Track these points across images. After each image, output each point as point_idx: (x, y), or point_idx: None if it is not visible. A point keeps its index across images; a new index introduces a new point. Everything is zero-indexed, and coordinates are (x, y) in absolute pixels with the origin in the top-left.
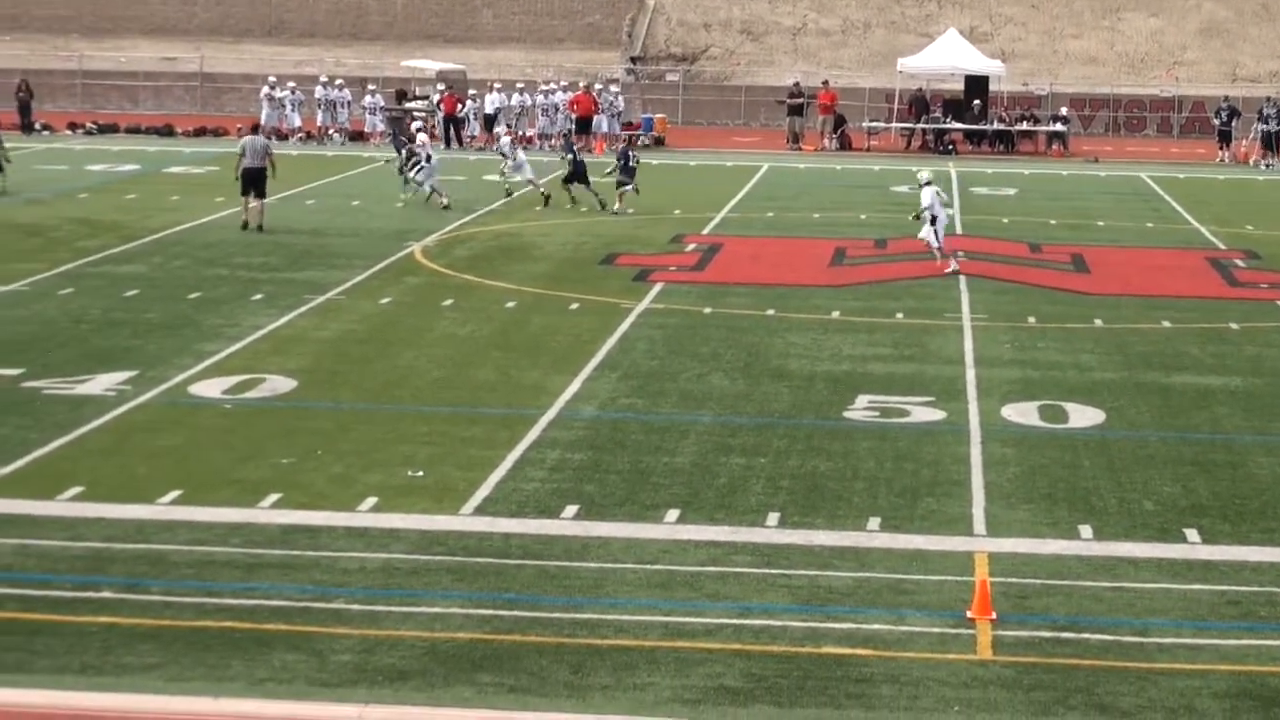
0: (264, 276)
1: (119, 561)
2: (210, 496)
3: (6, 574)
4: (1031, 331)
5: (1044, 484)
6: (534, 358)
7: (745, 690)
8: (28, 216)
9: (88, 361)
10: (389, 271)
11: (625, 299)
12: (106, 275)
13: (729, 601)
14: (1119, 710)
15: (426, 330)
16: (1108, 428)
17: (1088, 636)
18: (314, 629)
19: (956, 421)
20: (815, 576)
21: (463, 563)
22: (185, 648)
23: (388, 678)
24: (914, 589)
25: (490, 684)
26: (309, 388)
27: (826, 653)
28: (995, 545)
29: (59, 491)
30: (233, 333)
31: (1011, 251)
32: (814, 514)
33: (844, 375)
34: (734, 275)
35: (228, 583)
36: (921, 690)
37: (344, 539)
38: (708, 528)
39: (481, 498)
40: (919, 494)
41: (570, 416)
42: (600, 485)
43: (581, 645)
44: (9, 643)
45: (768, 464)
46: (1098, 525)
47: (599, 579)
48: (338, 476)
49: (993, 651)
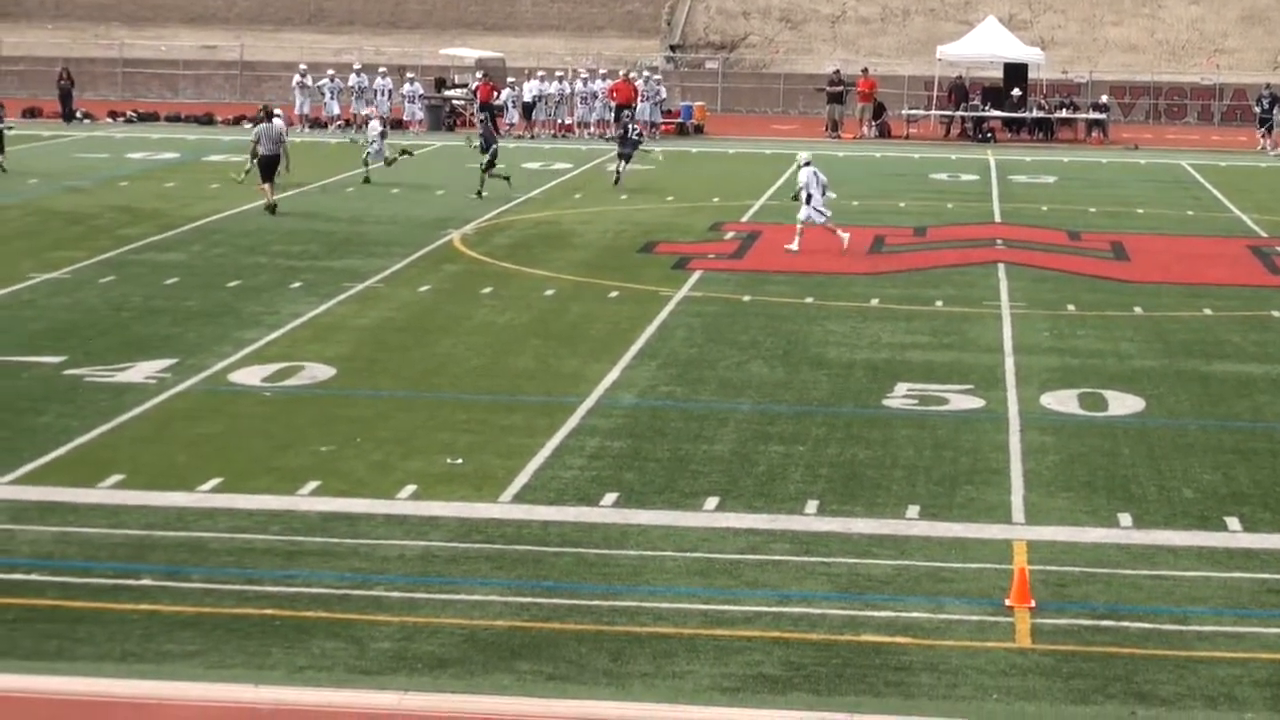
0: (303, 264)
1: (159, 549)
2: (250, 484)
3: (48, 561)
4: (1071, 319)
5: (1083, 472)
6: (573, 346)
7: (784, 678)
8: (68, 204)
9: (128, 349)
10: (428, 259)
11: (664, 287)
12: (147, 263)
13: (768, 589)
14: (1158, 698)
15: (465, 318)
16: (1148, 415)
17: (1127, 624)
18: (353, 616)
19: (995, 409)
20: (854, 564)
21: (501, 550)
22: (225, 635)
23: (427, 665)
24: (953, 577)
25: (529, 671)
26: (348, 375)
27: (865, 640)
28: (1034, 533)
29: (100, 479)
30: (272, 320)
31: (1051, 239)
32: (853, 502)
33: (883, 363)
34: (773, 263)
35: (268, 570)
36: (960, 678)
37: (383, 526)
38: (747, 515)
39: (520, 485)
40: (958, 482)
41: (609, 404)
42: (639, 473)
43: (620, 633)
44: (50, 630)
45: (806, 452)
46: (1137, 513)
47: (638, 567)
48: (377, 464)
49: (1031, 640)
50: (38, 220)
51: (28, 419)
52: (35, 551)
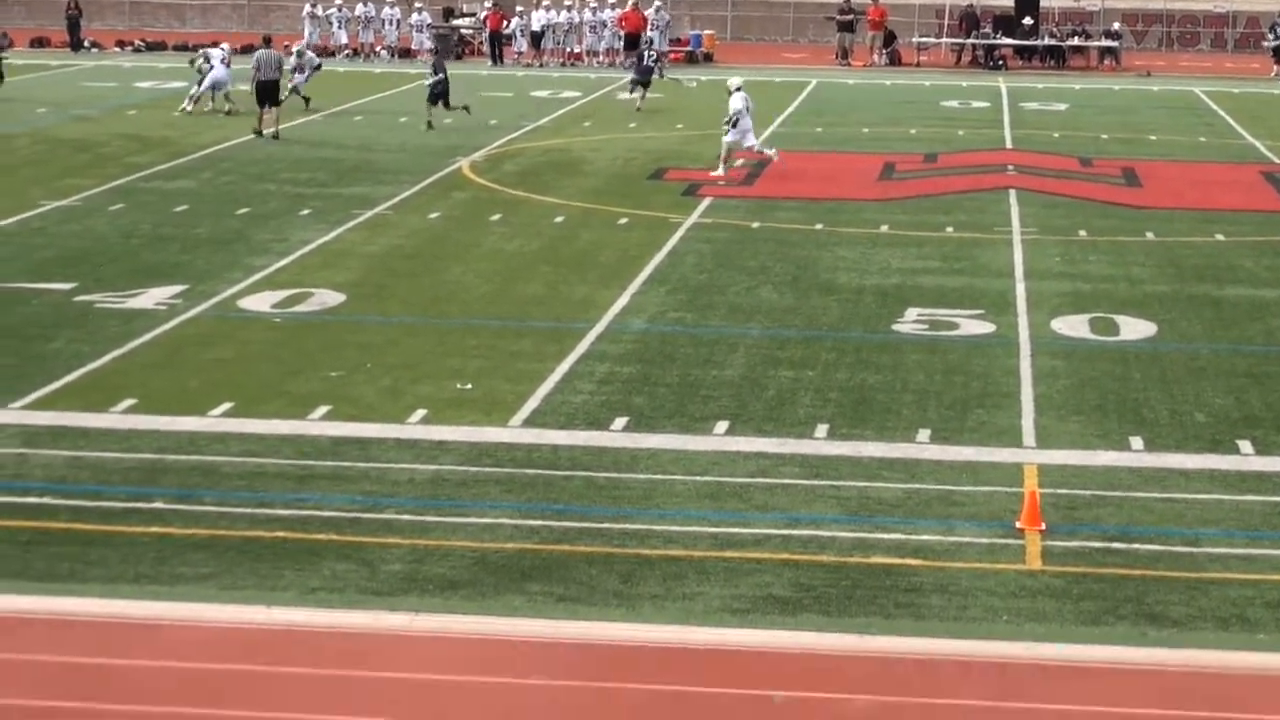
0: (311, 192)
1: (171, 473)
2: (261, 409)
3: (60, 485)
4: (1082, 245)
5: (1094, 396)
6: (582, 272)
7: (794, 600)
8: (77, 133)
9: (139, 276)
10: (437, 187)
11: (674, 213)
12: (156, 191)
13: (778, 512)
14: (1169, 620)
15: (474, 245)
16: (1159, 340)
17: (1138, 547)
18: (365, 539)
19: (1006, 334)
20: (864, 488)
21: (511, 474)
22: (238, 557)
23: (438, 587)
24: (963, 500)
25: (539, 593)
26: (357, 301)
27: (875, 563)
28: (1045, 457)
29: (112, 404)
30: (281, 248)
31: (1062, 166)
32: (863, 426)
33: (893, 289)
34: (783, 190)
35: (279, 493)
36: (970, 600)
37: (393, 450)
38: (756, 439)
39: (530, 410)
40: (968, 406)
41: (619, 330)
42: (649, 398)
43: (631, 555)
44: (63, 553)
45: (816, 376)
46: (1149, 437)
47: (648, 490)
48: (387, 389)
49: (1042, 562)
50: (46, 149)
51: (39, 345)
52: (48, 475)
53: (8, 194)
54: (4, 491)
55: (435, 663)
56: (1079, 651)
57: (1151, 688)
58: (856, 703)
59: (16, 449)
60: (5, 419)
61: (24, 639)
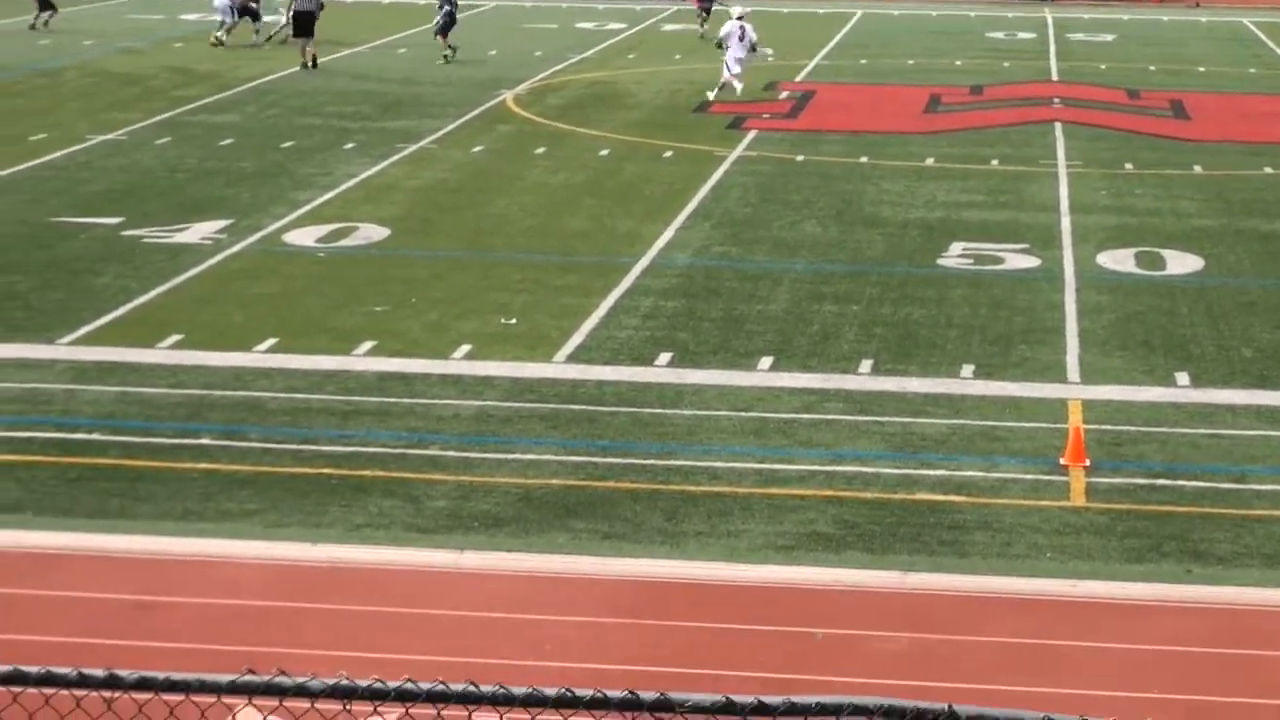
0: (356, 125)
1: (218, 408)
2: (306, 344)
3: (109, 421)
4: (1129, 178)
5: (1140, 331)
6: (627, 206)
7: (837, 536)
8: (124, 66)
9: (184, 210)
10: (481, 120)
11: (719, 147)
12: (202, 124)
13: (822, 448)
14: (1215, 556)
15: (519, 178)
16: (1206, 274)
17: (1183, 483)
18: (410, 475)
19: (1051, 269)
20: (908, 423)
21: (556, 410)
22: (283, 494)
23: (483, 524)
24: (1007, 436)
25: (584, 530)
26: (402, 236)
27: (919, 499)
28: (1089, 392)
29: (159, 339)
30: (325, 181)
31: (1109, 98)
32: (907, 361)
33: (938, 222)
34: (827, 122)
35: (324, 429)
36: (1014, 537)
37: (438, 386)
38: (801, 375)
39: (575, 345)
40: (1013, 341)
41: (664, 264)
42: (694, 333)
43: (675, 492)
44: (112, 489)
45: (860, 311)
46: (1195, 372)
47: (692, 426)
48: (431, 324)
49: (1086, 499)
50: (94, 81)
51: (86, 280)
52: (96, 411)
53: (56, 127)
54: (53, 428)
55: (480, 600)
56: (1123, 589)
57: (1197, 625)
58: (899, 640)
59: (65, 384)
60: (54, 354)
61: (73, 575)
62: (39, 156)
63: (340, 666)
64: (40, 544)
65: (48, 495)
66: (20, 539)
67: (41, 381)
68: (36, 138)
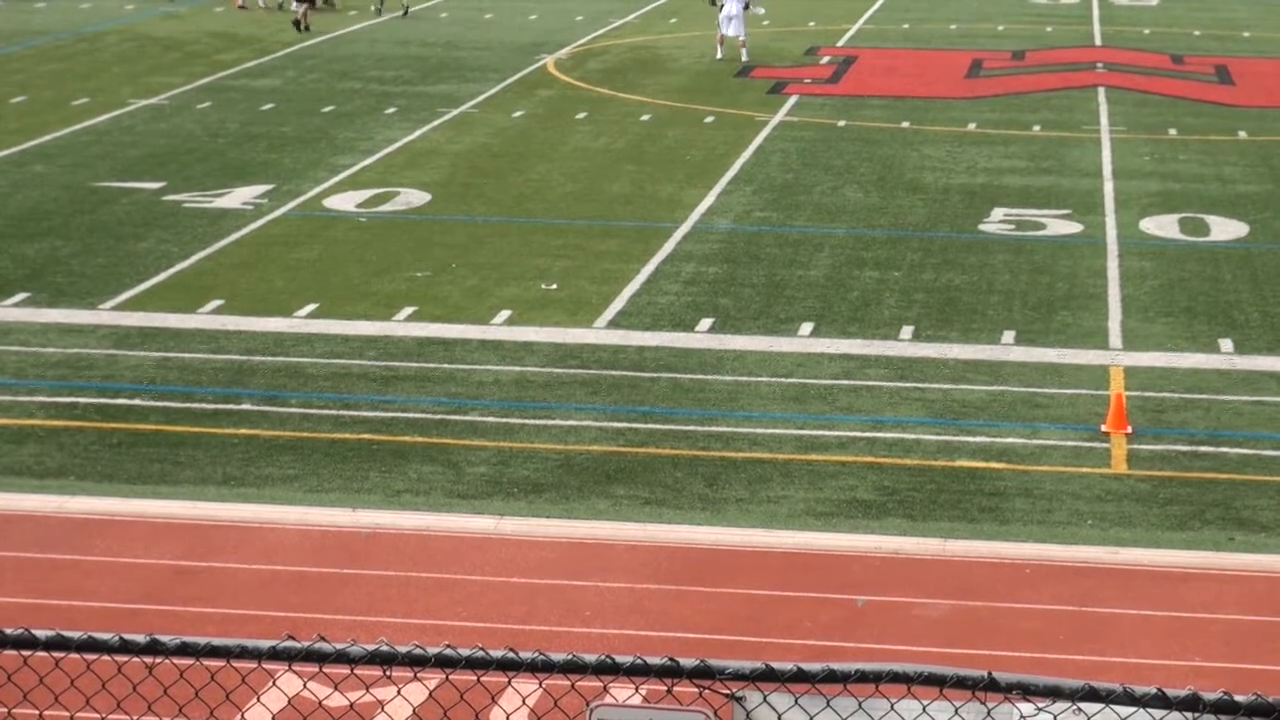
0: (397, 90)
1: (259, 374)
2: (346, 309)
3: (150, 386)
4: (1173, 144)
5: (1183, 298)
6: (668, 171)
7: (878, 503)
8: (165, 30)
9: (226, 175)
10: (522, 84)
11: (760, 112)
12: (243, 89)
13: (862, 415)
14: (1258, 524)
15: (560, 143)
16: (1251, 240)
17: (1226, 450)
18: (450, 441)
19: (1094, 234)
20: (949, 390)
21: (596, 375)
22: (324, 459)
23: (523, 490)
24: (1048, 402)
25: (625, 496)
26: (443, 201)
27: (960, 466)
28: (1132, 359)
29: (200, 304)
30: (366, 146)
31: (1153, 63)
32: (948, 327)
33: (979, 188)
34: (869, 88)
35: (364, 395)
36: (1055, 504)
37: (478, 352)
38: (841, 341)
39: (615, 311)
40: (1054, 307)
41: (705, 230)
42: (735, 299)
43: (716, 458)
44: (154, 454)
45: (902, 277)
46: (1239, 339)
47: (733, 392)
48: (472, 289)
49: (1128, 466)
50: (135, 46)
51: (128, 245)
52: (138, 377)
53: (99, 91)
54: (95, 393)
55: (520, 566)
56: (1164, 556)
57: (1238, 592)
58: (939, 607)
59: (107, 350)
60: (96, 319)
61: (114, 541)
62: (81, 121)
63: (380, 632)
64: (82, 509)
65: (90, 461)
66: (62, 504)
67: (84, 347)
68: (79, 102)
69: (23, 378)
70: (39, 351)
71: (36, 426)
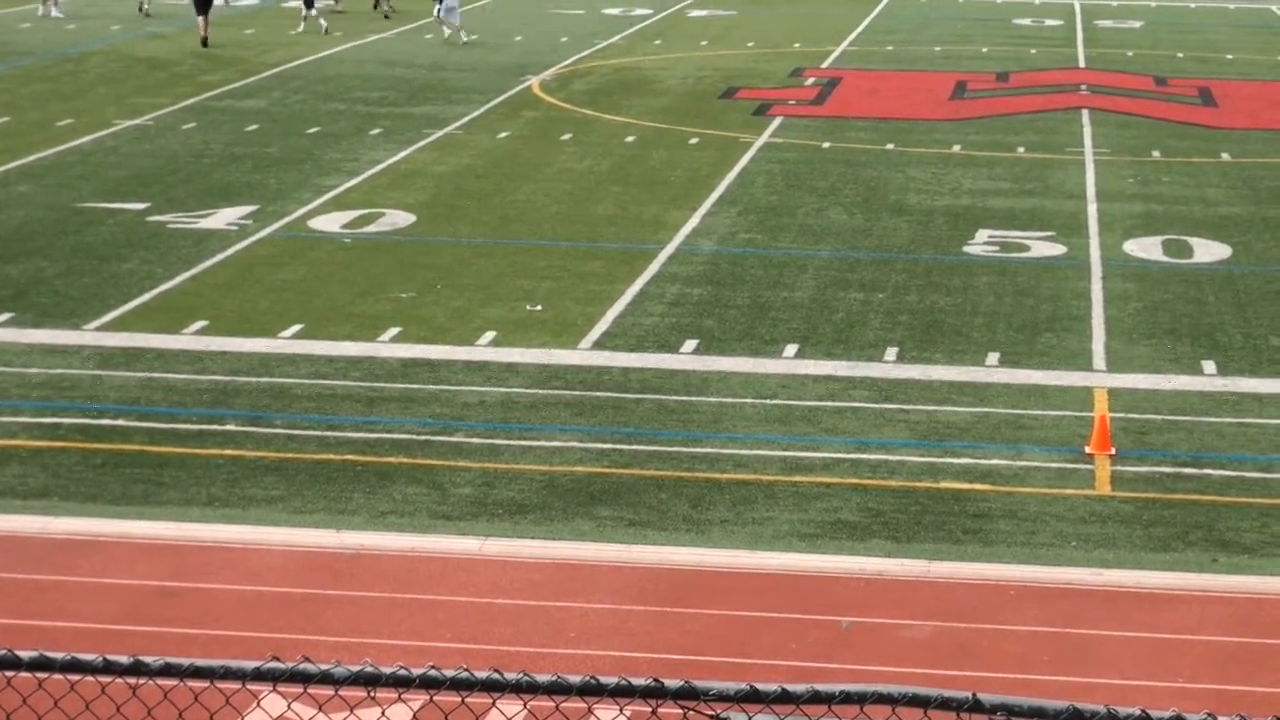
0: (382, 111)
1: (243, 394)
2: (331, 330)
3: (134, 407)
4: (1156, 165)
5: (1166, 319)
6: (653, 192)
7: (862, 525)
8: (150, 50)
9: (210, 196)
10: (507, 106)
11: (745, 133)
12: (227, 110)
13: (847, 436)
14: (1241, 546)
15: (545, 165)
16: (1234, 263)
17: (1209, 472)
18: (434, 462)
19: (1077, 256)
20: (933, 411)
21: (581, 397)
22: (308, 480)
23: (507, 511)
24: (1032, 424)
25: (609, 518)
26: (428, 222)
27: (944, 487)
28: (1115, 381)
29: (184, 325)
30: (351, 167)
31: (1136, 85)
32: (932, 349)
33: (964, 210)
34: (854, 109)
35: (349, 416)
36: (1039, 525)
37: (463, 373)
38: (826, 362)
39: (600, 332)
40: (1038, 329)
41: (690, 251)
42: (719, 320)
43: (700, 479)
44: (137, 475)
45: (886, 299)
46: (1222, 361)
47: (718, 413)
48: (457, 311)
49: (1111, 487)
50: (120, 66)
51: (113, 265)
52: (122, 397)
53: (84, 112)
54: (79, 413)
55: (504, 587)
56: (1148, 578)
57: (1222, 614)
58: (924, 629)
59: (91, 370)
60: (81, 340)
61: (98, 561)
62: (66, 142)
63: (364, 653)
64: (66, 530)
65: (73, 481)
66: (46, 525)
67: (67, 367)
68: (63, 123)
69: (6, 398)
70: (22, 372)
71: (20, 447)
